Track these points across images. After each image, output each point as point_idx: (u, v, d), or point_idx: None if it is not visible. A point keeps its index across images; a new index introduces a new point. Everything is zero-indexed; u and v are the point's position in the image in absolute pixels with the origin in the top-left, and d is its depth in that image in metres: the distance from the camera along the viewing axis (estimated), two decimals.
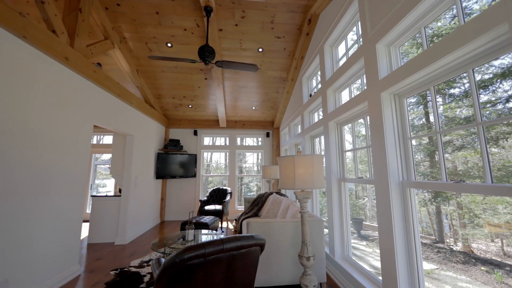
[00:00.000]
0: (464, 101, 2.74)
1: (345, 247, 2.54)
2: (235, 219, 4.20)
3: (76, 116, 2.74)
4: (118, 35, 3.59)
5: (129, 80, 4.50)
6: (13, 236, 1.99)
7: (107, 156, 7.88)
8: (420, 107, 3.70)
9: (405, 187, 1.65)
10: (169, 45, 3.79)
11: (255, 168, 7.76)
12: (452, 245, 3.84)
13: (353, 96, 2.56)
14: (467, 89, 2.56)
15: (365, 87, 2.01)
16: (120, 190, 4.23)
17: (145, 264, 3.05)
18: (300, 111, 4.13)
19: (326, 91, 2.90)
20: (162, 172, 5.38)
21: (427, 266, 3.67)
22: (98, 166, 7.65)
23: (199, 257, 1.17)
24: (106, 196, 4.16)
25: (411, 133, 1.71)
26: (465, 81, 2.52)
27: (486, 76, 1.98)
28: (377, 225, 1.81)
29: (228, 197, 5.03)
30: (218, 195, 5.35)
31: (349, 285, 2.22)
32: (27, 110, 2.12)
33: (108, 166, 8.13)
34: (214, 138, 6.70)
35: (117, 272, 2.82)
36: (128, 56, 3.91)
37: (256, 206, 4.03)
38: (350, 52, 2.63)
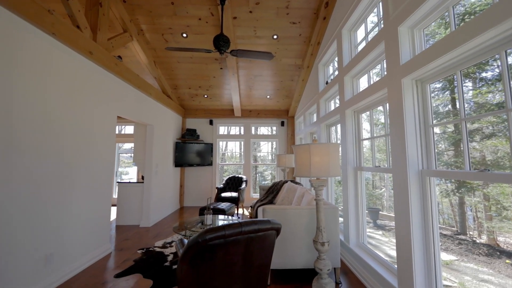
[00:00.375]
0: (497, 85, 2.54)
1: (360, 235, 2.56)
2: (251, 206, 4.33)
3: (101, 108, 2.91)
4: (136, 27, 3.68)
5: (147, 72, 4.64)
6: (55, 217, 2.23)
7: (128, 146, 8.31)
8: (446, 92, 3.48)
9: (425, 176, 1.61)
10: (184, 35, 3.83)
11: (270, 157, 7.82)
12: (476, 237, 3.70)
13: (372, 82, 2.47)
14: (501, 72, 2.37)
15: (385, 73, 1.94)
16: (142, 177, 4.49)
17: (168, 245, 3.28)
18: (315, 99, 4.06)
19: (343, 78, 2.82)
20: (180, 160, 5.61)
21: (446, 257, 3.59)
22: (120, 155, 8.11)
23: (219, 238, 1.26)
24: (130, 182, 4.45)
25: (434, 121, 1.65)
26: (499, 62, 2.33)
27: None
28: (393, 215, 1.80)
29: (243, 185, 5.16)
30: (234, 183, 5.51)
31: (363, 271, 2.26)
32: (60, 103, 2.29)
33: (130, 155, 8.60)
34: (229, 127, 6.79)
35: (143, 251, 3.08)
36: (145, 48, 4.02)
37: (271, 194, 4.11)
38: (370, 36, 2.51)
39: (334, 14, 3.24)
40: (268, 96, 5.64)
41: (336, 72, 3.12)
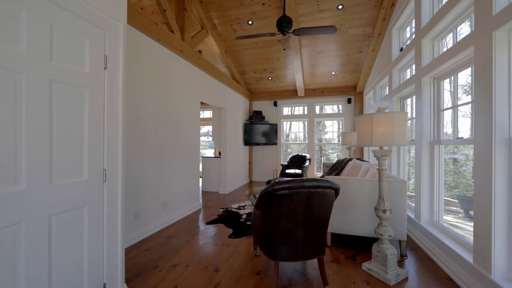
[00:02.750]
0: None
1: (434, 212, 2.39)
2: None
3: (189, 95, 3.66)
4: (210, 23, 4.25)
5: (219, 61, 5.29)
6: (169, 175, 3.11)
7: (205, 129, 9.72)
8: None
9: None
10: (250, 22, 4.15)
11: (335, 137, 7.56)
12: None
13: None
14: None
15: (473, 29, 1.68)
16: (219, 153, 5.35)
17: (241, 208, 3.93)
18: (388, 70, 3.69)
19: (421, 41, 2.50)
20: (249, 140, 6.25)
21: None
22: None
23: (285, 189, 1.57)
24: (211, 157, 5.39)
25: None
26: None
27: None
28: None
29: (307, 163, 5.35)
30: (298, 161, 5.75)
31: (434, 248, 2.16)
32: (162, 93, 3.07)
33: (206, 137, 10.07)
34: (293, 108, 6.93)
35: (223, 209, 3.82)
36: (218, 40, 4.59)
37: (334, 170, 4.15)
38: None
39: None
40: (333, 73, 5.42)
41: (413, 37, 2.77)
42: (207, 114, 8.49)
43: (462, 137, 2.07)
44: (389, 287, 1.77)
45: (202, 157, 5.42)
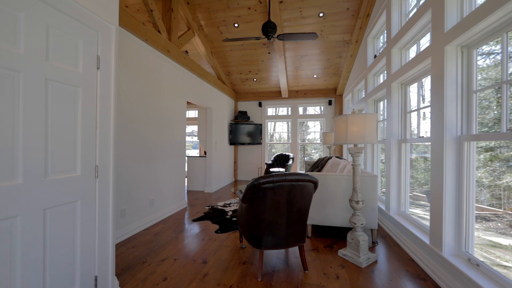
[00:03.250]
0: None
1: (401, 204, 2.67)
2: None
3: (176, 95, 3.70)
4: (196, 24, 4.31)
5: (205, 62, 5.35)
6: (155, 173, 3.14)
7: (189, 129, 9.64)
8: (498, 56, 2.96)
9: (462, 141, 1.68)
10: (236, 25, 4.27)
11: (317, 138, 7.89)
12: None
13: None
14: None
15: (431, 42, 1.95)
16: (205, 152, 5.40)
17: (227, 205, 4.03)
18: (364, 75, 4.00)
19: (391, 50, 2.79)
20: (234, 139, 6.36)
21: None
22: None
23: (269, 183, 1.72)
24: (196, 156, 5.42)
25: (477, 87, 1.66)
26: None
27: None
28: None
29: (290, 161, 5.57)
30: (281, 160, 5.96)
31: (400, 234, 2.43)
32: (149, 92, 3.10)
33: (191, 137, 9.99)
34: (277, 109, 7.14)
35: (209, 207, 3.90)
36: (204, 40, 4.66)
37: (316, 168, 4.40)
38: (422, 2, 2.41)
39: None
40: (315, 76, 5.69)
41: (385, 45, 3.06)
42: (191, 114, 8.46)
43: (423, 136, 2.36)
44: (361, 269, 1.98)
45: (187, 156, 5.44)
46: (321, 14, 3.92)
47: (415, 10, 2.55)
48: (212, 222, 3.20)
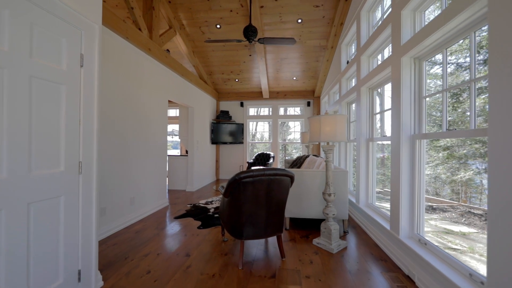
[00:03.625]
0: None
1: (369, 196, 2.96)
2: None
3: (157, 93, 3.69)
4: (178, 23, 4.32)
5: (187, 61, 5.35)
6: (136, 172, 3.13)
7: (169, 128, 9.45)
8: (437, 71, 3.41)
9: (415, 139, 1.96)
10: (218, 26, 4.36)
11: (298, 137, 8.20)
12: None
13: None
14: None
15: (391, 53, 2.22)
16: (186, 151, 5.39)
17: (209, 203, 4.11)
18: (338, 79, 4.30)
19: (360, 57, 3.07)
20: (216, 138, 6.41)
21: (466, 229, 3.72)
22: None
23: (249, 177, 1.86)
24: (177, 155, 5.39)
25: (426, 93, 1.95)
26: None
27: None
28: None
29: (271, 160, 5.76)
30: (263, 159, 6.14)
31: (368, 224, 2.71)
32: (130, 90, 3.09)
33: (171, 136, 9.81)
34: (259, 109, 7.31)
35: (191, 205, 3.95)
36: (186, 40, 4.67)
37: (295, 165, 4.63)
38: (385, 17, 2.71)
39: None
40: (294, 78, 5.95)
41: (356, 53, 3.35)
42: (172, 112, 8.33)
43: (386, 135, 2.65)
44: (332, 255, 2.20)
45: (169, 155, 5.39)
46: (299, 20, 4.15)
47: (380, 23, 2.84)
48: (194, 219, 3.27)
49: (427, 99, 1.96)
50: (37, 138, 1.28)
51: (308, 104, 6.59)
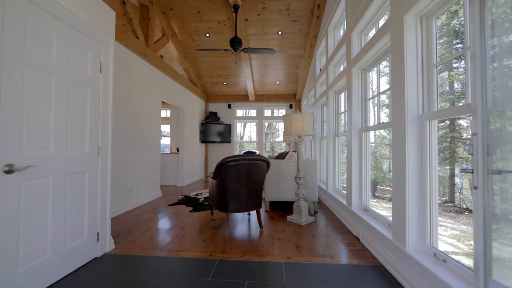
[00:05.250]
0: None
1: (336, 182, 3.54)
2: None
3: (152, 94, 4.10)
4: (171, 31, 4.75)
5: (178, 65, 5.77)
6: (133, 167, 3.51)
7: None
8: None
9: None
10: (207, 35, 4.84)
11: (281, 137, 8.78)
12: None
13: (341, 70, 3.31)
14: None
15: (345, 65, 2.81)
16: (177, 149, 5.78)
17: (199, 194, 4.53)
18: (313, 84, 4.91)
19: (328, 66, 3.67)
20: (205, 138, 6.83)
21: None
22: None
23: (233, 161, 2.35)
24: (169, 153, 5.76)
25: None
26: None
27: None
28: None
29: None
30: None
31: (333, 204, 3.27)
32: (129, 91, 3.49)
33: (162, 135, 10.08)
34: (247, 110, 7.82)
35: (183, 196, 4.36)
36: (178, 46, 5.11)
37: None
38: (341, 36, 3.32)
39: (325, 14, 4.02)
40: (277, 82, 6.53)
41: (325, 62, 3.95)
42: (163, 113, 8.64)
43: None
44: (301, 226, 2.72)
45: (161, 153, 5.74)
46: (279, 32, 4.73)
47: (339, 40, 3.46)
48: (186, 205, 3.69)
49: (370, 101, 2.55)
50: (71, 126, 1.70)
51: (291, 106, 7.18)
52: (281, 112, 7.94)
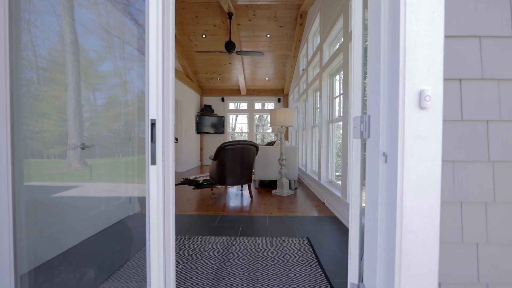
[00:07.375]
0: None
1: (312, 165, 4.32)
2: None
3: None
4: None
5: (175, 61, 6.28)
6: None
7: None
8: None
9: (329, 123, 3.28)
10: (204, 36, 5.39)
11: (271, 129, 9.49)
12: None
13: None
14: None
15: (318, 70, 3.51)
16: (176, 139, 6.38)
17: (198, 177, 5.22)
18: (297, 82, 5.61)
19: (308, 68, 4.37)
20: (200, 129, 7.44)
21: None
22: None
23: (230, 145, 3.04)
24: None
25: (335, 95, 3.27)
26: None
27: None
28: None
29: None
30: None
31: (311, 183, 4.06)
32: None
33: None
34: (239, 104, 8.44)
35: (183, 179, 5.04)
36: (176, 45, 5.63)
37: None
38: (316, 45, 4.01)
39: (306, 22, 4.69)
40: (267, 78, 7.17)
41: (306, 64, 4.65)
42: None
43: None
44: (283, 197, 3.48)
45: None
46: (268, 35, 5.35)
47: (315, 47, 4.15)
48: (188, 185, 4.38)
49: (336, 99, 3.29)
50: None
51: (279, 100, 7.88)
52: (271, 105, 8.62)
